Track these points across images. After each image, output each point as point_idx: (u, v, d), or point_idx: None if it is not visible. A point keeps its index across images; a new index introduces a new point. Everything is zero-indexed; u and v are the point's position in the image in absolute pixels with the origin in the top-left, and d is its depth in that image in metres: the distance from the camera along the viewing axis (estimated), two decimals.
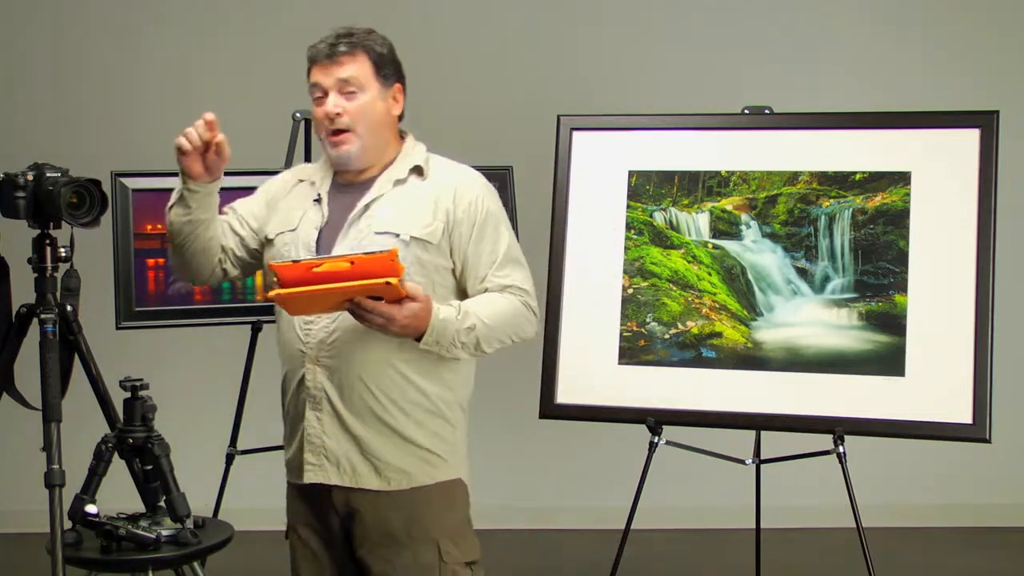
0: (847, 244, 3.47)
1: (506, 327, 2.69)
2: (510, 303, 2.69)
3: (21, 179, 3.05)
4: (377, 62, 2.68)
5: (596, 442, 4.86)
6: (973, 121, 3.45)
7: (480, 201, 2.70)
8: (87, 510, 2.94)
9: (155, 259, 3.88)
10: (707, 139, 3.64)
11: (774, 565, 4.20)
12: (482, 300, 2.67)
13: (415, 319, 2.52)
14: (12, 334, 3.16)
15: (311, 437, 2.65)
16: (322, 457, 2.65)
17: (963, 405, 3.31)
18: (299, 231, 2.70)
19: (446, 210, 2.66)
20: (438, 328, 2.57)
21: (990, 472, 5.02)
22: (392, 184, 2.69)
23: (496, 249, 2.70)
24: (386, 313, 2.49)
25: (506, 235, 2.74)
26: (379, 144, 2.70)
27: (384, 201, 2.67)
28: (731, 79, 5.05)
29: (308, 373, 2.64)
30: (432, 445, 2.67)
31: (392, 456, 2.64)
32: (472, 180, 2.74)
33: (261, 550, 4.60)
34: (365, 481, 2.64)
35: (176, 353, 4.93)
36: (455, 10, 5.22)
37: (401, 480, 2.65)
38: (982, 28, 5.25)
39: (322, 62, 2.67)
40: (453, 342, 2.60)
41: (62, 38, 5.18)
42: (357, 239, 2.63)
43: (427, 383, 2.65)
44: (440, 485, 2.68)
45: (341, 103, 2.64)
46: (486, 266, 2.69)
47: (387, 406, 2.63)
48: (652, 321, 3.55)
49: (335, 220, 2.68)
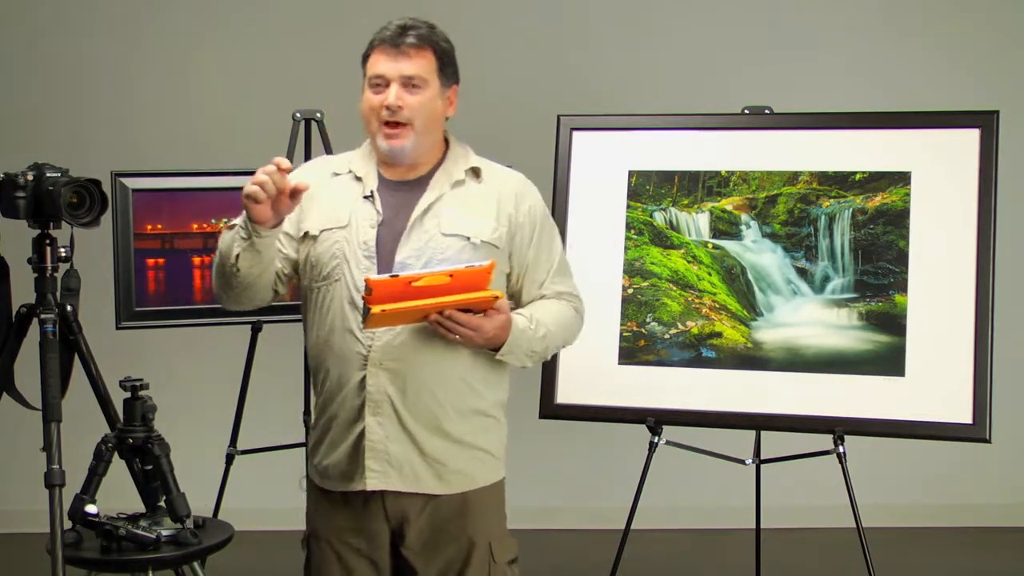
0: (847, 244, 3.47)
1: (564, 333, 2.69)
2: (568, 310, 2.69)
3: (21, 179, 3.05)
4: (441, 58, 2.60)
5: (596, 442, 4.86)
6: (973, 121, 3.45)
7: (538, 206, 2.68)
8: (87, 510, 2.94)
9: (155, 259, 3.88)
10: (707, 139, 3.64)
11: (774, 565, 4.20)
12: (547, 308, 2.65)
13: (499, 331, 2.50)
14: (12, 334, 3.16)
15: (374, 443, 2.54)
16: (385, 463, 2.55)
17: (963, 405, 3.31)
18: (351, 229, 2.57)
19: (508, 215, 2.61)
20: (516, 339, 2.55)
21: (990, 472, 5.02)
22: (451, 185, 2.61)
23: (553, 255, 2.69)
24: (476, 325, 2.46)
25: (559, 240, 2.73)
26: (430, 143, 2.61)
27: (446, 202, 2.59)
28: (731, 79, 5.05)
29: (370, 376, 2.53)
30: (487, 444, 2.64)
31: (452, 459, 2.58)
32: (528, 185, 2.70)
33: (261, 550, 4.60)
34: (427, 485, 2.57)
35: (176, 353, 4.93)
36: (455, 10, 5.22)
37: (462, 482, 2.60)
38: (982, 28, 5.24)
39: (388, 51, 2.55)
40: (526, 352, 2.59)
41: (62, 38, 5.18)
42: (423, 240, 2.55)
43: (482, 385, 2.62)
44: (492, 486, 2.66)
45: (404, 97, 2.54)
46: (544, 272, 2.66)
47: (448, 409, 2.57)
48: (652, 321, 3.55)
49: (391, 219, 2.57)
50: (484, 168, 2.67)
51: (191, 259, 3.92)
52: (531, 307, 2.64)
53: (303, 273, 2.63)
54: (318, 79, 5.02)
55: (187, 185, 3.87)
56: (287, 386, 4.42)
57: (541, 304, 2.66)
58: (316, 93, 4.34)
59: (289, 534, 2.97)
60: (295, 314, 4.07)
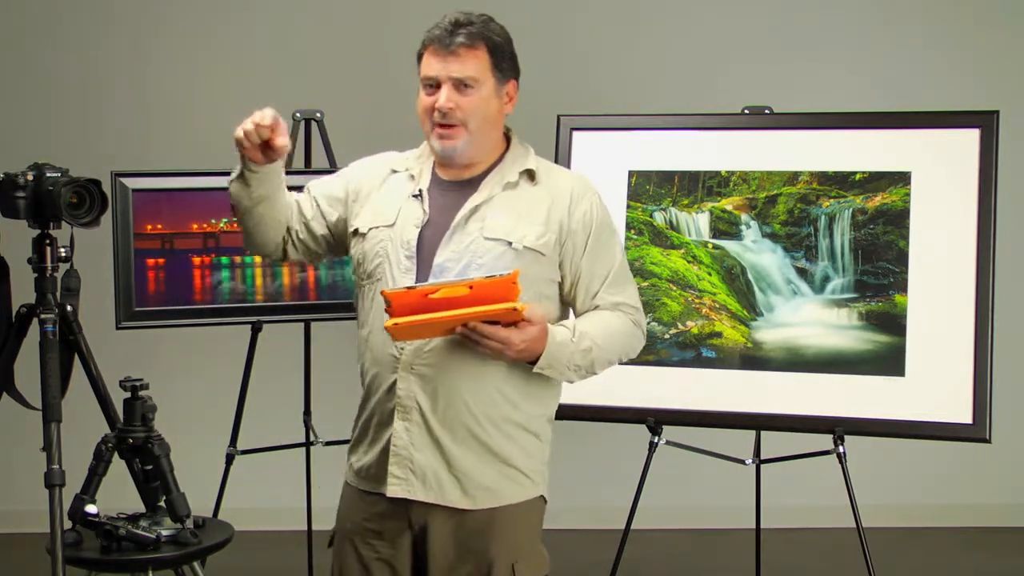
0: (847, 244, 3.47)
1: (616, 347, 2.57)
2: (622, 322, 2.56)
3: (21, 179, 3.05)
4: (495, 54, 2.54)
5: (596, 442, 4.85)
6: (973, 121, 3.45)
7: (595, 210, 2.56)
8: (87, 510, 2.94)
9: (155, 259, 3.88)
10: (707, 139, 3.64)
11: (774, 565, 4.20)
12: (595, 319, 2.54)
13: (533, 343, 2.40)
14: (12, 334, 3.16)
15: (398, 449, 2.49)
16: (408, 471, 2.49)
17: (963, 405, 3.31)
18: (397, 228, 2.52)
19: (560, 220, 2.51)
20: (554, 352, 2.44)
21: (990, 472, 5.02)
22: (502, 187, 2.52)
23: (610, 264, 2.56)
24: (504, 338, 2.35)
25: (618, 248, 2.61)
26: (487, 142, 2.54)
27: (494, 205, 2.50)
28: (731, 79, 5.05)
29: (401, 380, 2.48)
30: (520, 463, 2.55)
31: (479, 473, 2.50)
32: (586, 188, 2.58)
33: (261, 550, 4.61)
34: (450, 498, 2.49)
35: (176, 353, 4.93)
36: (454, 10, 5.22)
37: (487, 498, 2.51)
38: (982, 28, 5.25)
39: (439, 51, 2.49)
40: (568, 365, 2.48)
41: (62, 38, 5.18)
42: (464, 244, 2.48)
43: (521, 398, 2.52)
44: (522, 504, 2.56)
45: (455, 98, 2.47)
46: (599, 281, 2.54)
47: (481, 420, 2.48)
48: (652, 321, 3.55)
49: (436, 220, 2.51)
50: (541, 170, 2.58)
51: (191, 259, 3.92)
52: (581, 319, 2.54)
53: (355, 270, 2.60)
54: (318, 79, 5.02)
55: (187, 185, 3.87)
56: (287, 386, 4.42)
57: (593, 315, 2.55)
58: (316, 93, 4.35)
59: (289, 534, 2.98)
60: (295, 314, 4.11)
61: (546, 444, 2.63)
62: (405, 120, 2.78)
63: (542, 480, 2.62)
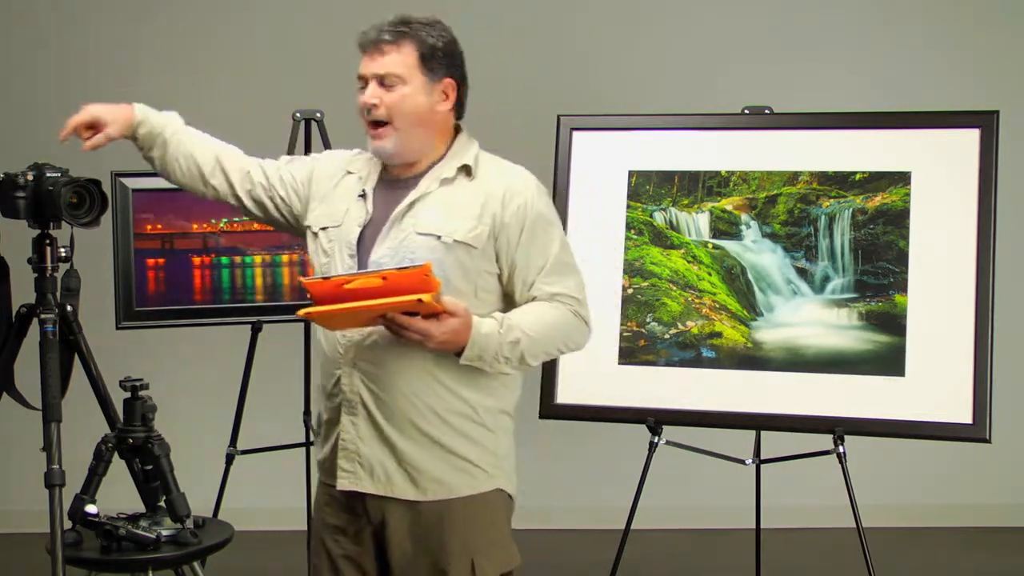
0: (847, 244, 3.47)
1: (553, 338, 2.57)
2: (559, 312, 2.56)
3: (21, 179, 3.05)
4: (425, 54, 2.56)
5: (596, 442, 4.86)
6: (973, 121, 3.45)
7: (530, 204, 2.58)
8: (87, 510, 2.94)
9: (155, 259, 3.88)
10: (707, 139, 3.64)
11: (774, 565, 4.20)
12: (528, 311, 2.55)
13: (454, 335, 2.42)
14: (12, 334, 3.16)
15: (346, 443, 2.54)
16: (356, 464, 2.54)
17: (963, 405, 3.31)
18: (343, 228, 2.59)
19: (493, 213, 2.54)
20: (480, 343, 2.46)
21: (990, 472, 5.02)
22: (439, 183, 2.56)
23: (546, 255, 2.58)
24: (422, 329, 2.39)
25: (556, 240, 2.61)
26: (421, 140, 2.56)
27: (430, 200, 2.55)
28: (731, 79, 5.05)
29: (344, 376, 2.54)
30: (472, 455, 2.55)
31: (429, 465, 2.51)
32: (523, 182, 2.60)
33: (261, 550, 4.61)
34: (400, 490, 2.53)
35: (176, 353, 4.93)
36: (455, 10, 5.22)
37: (438, 490, 2.53)
38: (982, 28, 5.25)
39: (368, 50, 2.56)
40: (496, 357, 2.49)
41: (62, 38, 5.18)
42: (398, 239, 2.53)
43: (468, 390, 2.53)
44: (479, 497, 2.56)
45: (378, 94, 2.52)
46: (534, 272, 2.56)
47: (425, 414, 2.51)
48: (652, 321, 3.55)
49: (378, 218, 2.56)
50: (481, 166, 2.61)
51: (191, 259, 3.93)
52: (514, 311, 2.57)
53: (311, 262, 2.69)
54: (318, 79, 5.01)
55: None
56: (287, 386, 4.42)
57: (526, 307, 2.57)
58: (316, 93, 4.34)
59: (289, 534, 2.98)
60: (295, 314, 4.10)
61: (502, 436, 2.61)
62: None
63: (500, 473, 2.60)
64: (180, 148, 2.73)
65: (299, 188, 2.70)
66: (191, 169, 2.72)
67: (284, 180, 2.70)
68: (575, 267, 2.64)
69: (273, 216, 2.73)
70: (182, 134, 2.75)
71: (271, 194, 2.70)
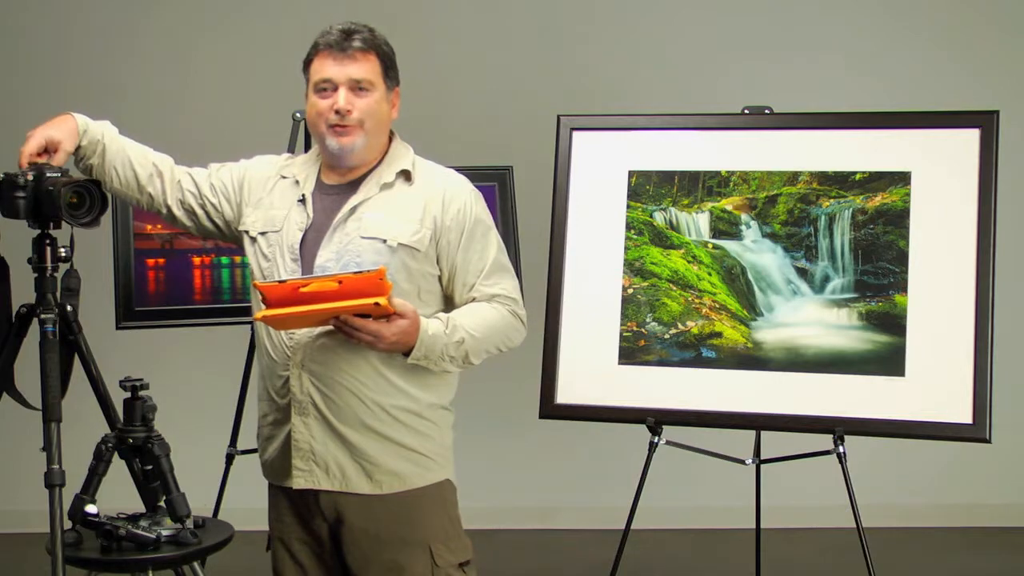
0: (847, 244, 3.47)
1: (494, 338, 2.66)
2: (498, 313, 2.66)
3: (21, 179, 3.04)
4: (384, 62, 2.64)
5: (596, 442, 4.86)
6: (973, 121, 3.45)
7: (468, 208, 2.66)
8: (87, 510, 2.94)
9: (155, 259, 3.88)
10: (707, 139, 3.64)
11: (774, 565, 4.20)
12: (470, 312, 2.63)
13: (403, 335, 2.50)
14: (12, 334, 3.16)
15: (299, 443, 2.60)
16: (311, 462, 2.60)
17: (963, 405, 3.31)
18: (283, 233, 2.64)
19: (434, 217, 2.62)
20: (427, 343, 2.54)
21: (990, 472, 5.02)
22: (379, 188, 2.63)
23: (484, 257, 2.66)
24: (374, 331, 2.47)
25: (494, 243, 2.70)
26: (377, 144, 2.66)
27: (371, 205, 2.62)
28: (731, 79, 5.05)
29: (293, 378, 2.60)
30: (421, 447, 2.63)
31: (383, 459, 2.60)
32: (460, 186, 2.69)
33: (261, 550, 4.60)
34: (355, 485, 2.60)
35: (176, 353, 4.93)
36: (455, 10, 5.22)
37: (392, 483, 2.61)
38: (982, 28, 5.25)
39: (335, 55, 2.61)
40: (442, 356, 2.57)
41: (62, 38, 5.18)
42: (343, 243, 2.58)
43: (414, 387, 2.62)
44: (431, 487, 2.65)
45: (352, 100, 2.58)
46: (474, 275, 2.65)
47: (375, 411, 2.59)
48: (652, 321, 3.55)
49: (319, 222, 2.62)
50: (418, 170, 2.67)
51: (191, 259, 3.92)
52: (456, 311, 2.63)
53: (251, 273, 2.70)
54: None
55: None
56: None
57: (468, 308, 2.64)
58: None
59: None
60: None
61: (444, 429, 2.69)
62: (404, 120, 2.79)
63: (448, 464, 2.69)
64: (118, 155, 2.77)
65: (230, 195, 2.74)
66: (127, 176, 2.76)
67: (215, 187, 2.74)
68: (510, 269, 2.73)
69: (203, 224, 2.77)
70: (119, 141, 2.80)
71: (201, 202, 2.75)
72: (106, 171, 2.76)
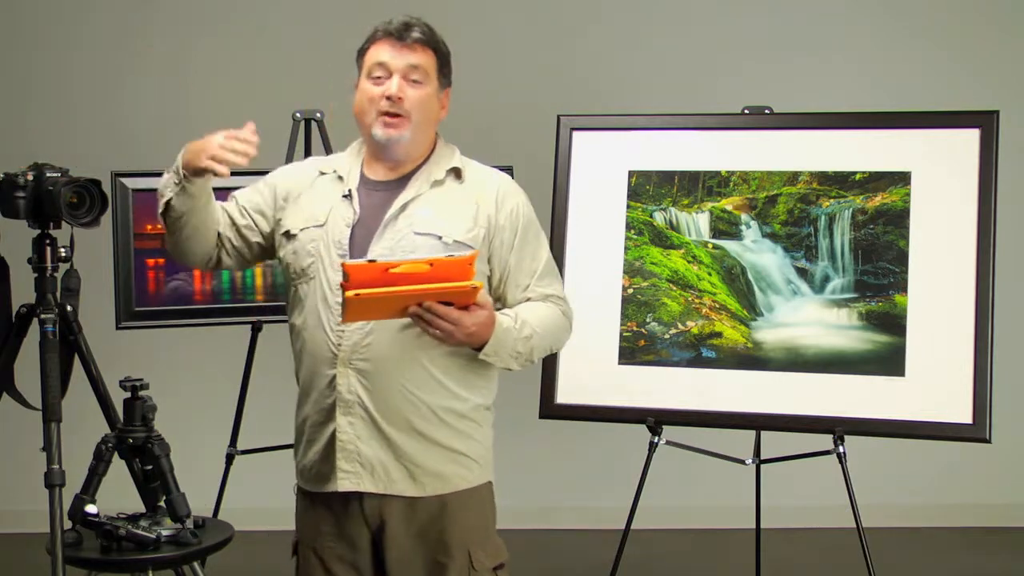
0: (847, 244, 3.47)
1: (552, 337, 2.63)
2: (555, 313, 2.62)
3: (21, 179, 3.05)
4: (440, 60, 2.60)
5: (596, 442, 4.86)
6: (973, 121, 3.45)
7: (521, 208, 2.62)
8: (87, 510, 2.94)
9: (155, 259, 3.88)
10: (707, 139, 3.64)
11: (774, 565, 4.20)
12: (533, 309, 2.59)
13: (482, 327, 2.43)
14: (12, 334, 3.16)
15: (344, 443, 2.52)
16: (356, 464, 2.52)
17: (963, 405, 3.31)
18: (328, 227, 2.56)
19: (488, 216, 2.57)
20: (500, 338, 2.48)
21: (990, 472, 5.02)
22: (430, 185, 2.57)
23: (537, 258, 2.63)
24: (456, 319, 2.38)
25: (545, 244, 2.67)
26: (423, 140, 2.59)
27: (422, 201, 2.56)
28: (731, 79, 5.05)
29: (340, 376, 2.51)
30: (466, 448, 2.58)
31: (427, 460, 2.53)
32: (512, 186, 2.65)
33: (261, 550, 4.61)
34: (400, 487, 2.53)
35: (176, 353, 4.93)
36: (455, 10, 5.22)
37: (436, 485, 2.54)
38: (982, 28, 5.25)
39: (393, 43, 2.54)
40: (511, 352, 2.52)
41: (62, 38, 5.18)
42: (395, 239, 2.52)
43: (461, 388, 2.56)
44: (473, 490, 2.59)
45: (405, 88, 2.53)
46: (527, 275, 2.61)
47: (422, 410, 2.52)
48: (652, 321, 3.55)
49: (367, 218, 2.55)
50: (467, 169, 2.64)
51: None
52: (517, 308, 2.59)
53: (285, 271, 2.64)
54: (318, 79, 5.01)
55: None
56: (287, 386, 4.37)
57: (528, 306, 2.60)
58: (316, 93, 4.34)
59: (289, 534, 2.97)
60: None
61: (487, 430, 2.65)
62: None
63: (488, 466, 2.65)
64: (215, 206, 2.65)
65: (263, 207, 2.66)
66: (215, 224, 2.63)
67: (244, 209, 2.67)
68: (558, 271, 2.72)
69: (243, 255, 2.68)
70: None
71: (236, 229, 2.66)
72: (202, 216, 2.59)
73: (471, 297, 2.38)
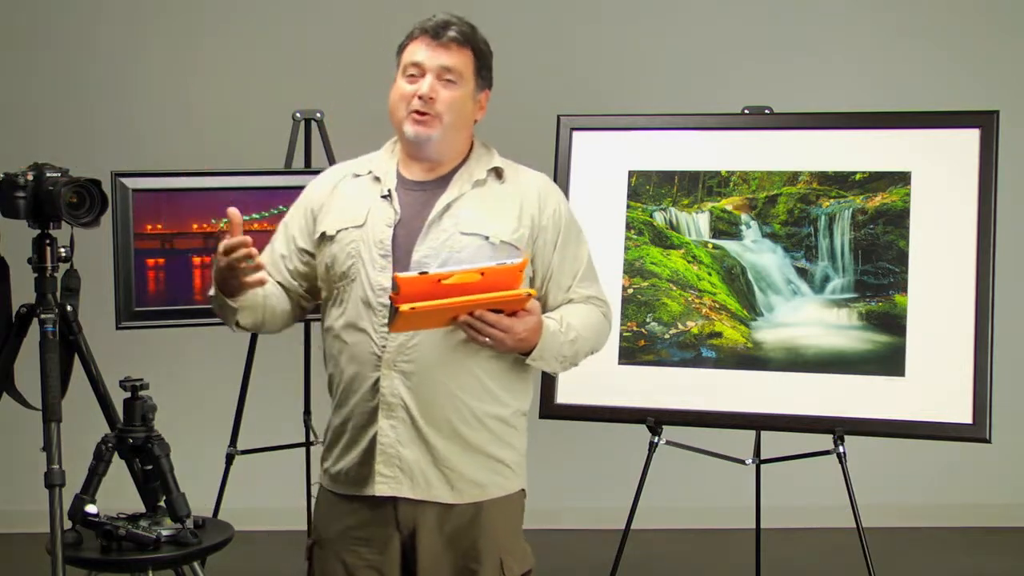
0: (847, 244, 3.47)
1: (594, 339, 2.61)
2: (597, 315, 2.62)
3: (21, 179, 3.05)
4: (479, 60, 2.56)
5: (596, 442, 4.86)
6: (973, 121, 3.45)
7: (563, 209, 2.61)
8: (87, 510, 2.94)
9: (155, 259, 3.87)
10: (707, 139, 3.64)
11: (774, 565, 4.20)
12: (576, 311, 2.57)
13: (531, 333, 2.42)
14: (12, 334, 3.16)
15: (385, 447, 2.48)
16: (396, 468, 2.49)
17: (963, 405, 3.32)
18: (368, 228, 2.52)
19: (531, 216, 2.55)
20: (547, 341, 2.47)
21: (990, 472, 5.02)
22: (472, 185, 2.55)
23: (579, 259, 2.61)
24: (508, 326, 2.37)
25: (585, 245, 2.65)
26: (456, 141, 2.56)
27: (465, 202, 2.53)
28: (731, 79, 5.05)
29: (384, 379, 2.48)
30: (504, 456, 2.56)
31: (466, 467, 2.51)
32: (552, 186, 2.64)
33: (261, 550, 4.61)
34: (437, 493, 2.49)
35: (176, 353, 4.93)
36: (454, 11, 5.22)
37: (473, 492, 2.52)
38: (982, 28, 5.25)
39: (429, 41, 2.51)
40: (556, 356, 2.51)
41: (62, 38, 5.18)
42: (440, 240, 2.49)
43: (503, 393, 2.54)
44: (507, 497, 2.57)
45: (437, 89, 2.49)
46: (569, 276, 2.59)
47: (465, 415, 2.49)
48: (652, 321, 3.55)
49: (408, 218, 2.52)
50: (507, 169, 2.62)
51: (191, 259, 3.92)
52: (560, 310, 2.57)
53: (321, 273, 2.60)
54: (318, 79, 5.02)
55: (187, 185, 3.86)
56: (287, 386, 4.42)
57: (570, 308, 2.58)
58: (316, 93, 4.35)
59: (289, 534, 2.99)
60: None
61: (524, 436, 2.63)
62: None
63: (523, 471, 2.63)
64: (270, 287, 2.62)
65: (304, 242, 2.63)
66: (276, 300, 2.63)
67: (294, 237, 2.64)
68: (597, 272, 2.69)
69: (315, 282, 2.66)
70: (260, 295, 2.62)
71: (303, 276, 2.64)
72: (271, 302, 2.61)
73: (522, 304, 2.37)
